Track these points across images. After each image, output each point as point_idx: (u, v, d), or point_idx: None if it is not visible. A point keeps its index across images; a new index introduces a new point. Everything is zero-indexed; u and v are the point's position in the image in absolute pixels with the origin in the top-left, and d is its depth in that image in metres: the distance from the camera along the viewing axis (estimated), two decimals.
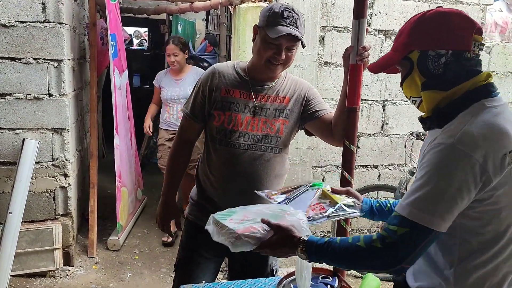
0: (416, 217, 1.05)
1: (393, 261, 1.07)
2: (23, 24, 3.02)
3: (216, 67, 1.85)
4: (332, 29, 3.46)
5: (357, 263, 1.17)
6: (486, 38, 3.76)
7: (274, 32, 1.65)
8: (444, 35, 1.16)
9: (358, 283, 3.00)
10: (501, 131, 1.07)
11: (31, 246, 3.16)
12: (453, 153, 1.05)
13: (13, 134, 3.13)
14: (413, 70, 1.21)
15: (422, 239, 1.05)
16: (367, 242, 1.10)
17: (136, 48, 9.66)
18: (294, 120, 1.84)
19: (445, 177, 1.05)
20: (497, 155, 1.05)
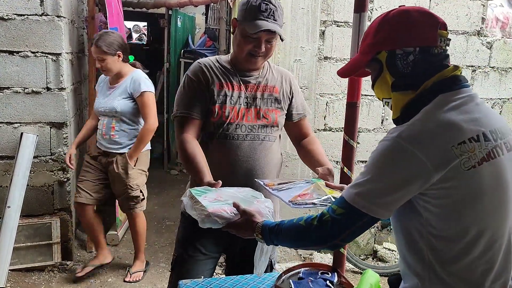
0: (353, 201, 1.11)
1: (327, 237, 1.15)
2: (21, 17, 3.00)
3: (202, 62, 1.84)
4: (333, 24, 3.44)
5: (299, 240, 1.24)
6: (487, 33, 3.74)
7: (253, 27, 1.66)
8: (410, 32, 1.16)
9: (357, 278, 3.01)
10: (449, 124, 1.07)
11: (29, 240, 3.15)
12: (393, 147, 1.08)
13: (11, 128, 3.12)
14: (383, 71, 1.21)
15: (356, 221, 1.11)
16: (307, 221, 1.19)
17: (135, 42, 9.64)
18: (285, 110, 1.88)
19: (383, 169, 1.09)
20: (441, 149, 1.05)
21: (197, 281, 1.70)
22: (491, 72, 3.82)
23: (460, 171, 1.05)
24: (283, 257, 3.44)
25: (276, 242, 1.28)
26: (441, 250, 1.10)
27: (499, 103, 3.90)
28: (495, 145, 1.10)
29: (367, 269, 1.74)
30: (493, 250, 1.11)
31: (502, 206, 1.11)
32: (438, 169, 1.05)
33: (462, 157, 1.05)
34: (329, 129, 3.58)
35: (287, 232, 1.24)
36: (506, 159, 1.12)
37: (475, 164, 1.06)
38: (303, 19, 3.28)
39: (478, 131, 1.08)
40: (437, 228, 1.10)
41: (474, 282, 1.11)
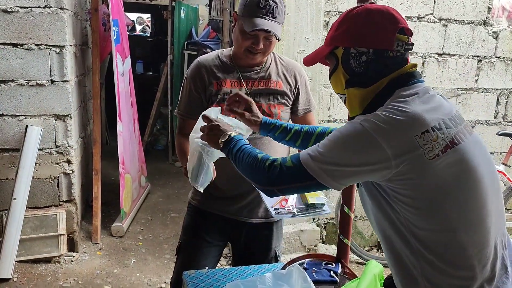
0: (306, 162, 1.14)
1: (268, 180, 1.19)
2: (24, 9, 3.00)
3: (201, 61, 1.82)
4: (337, 14, 3.41)
5: (247, 169, 1.27)
6: (493, 23, 3.70)
7: (250, 25, 1.63)
8: (366, 33, 1.17)
9: (361, 269, 3.01)
10: (412, 115, 1.08)
11: (35, 232, 3.17)
12: (358, 129, 1.09)
13: (16, 120, 3.13)
14: (338, 67, 1.23)
15: (302, 179, 1.15)
16: (263, 159, 1.23)
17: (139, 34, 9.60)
18: (289, 105, 1.85)
19: (343, 146, 1.11)
20: (403, 138, 1.06)
21: (201, 271, 1.71)
22: (497, 62, 3.78)
23: (425, 161, 1.05)
24: (287, 249, 3.45)
25: (230, 156, 1.35)
26: (427, 239, 1.10)
27: (505, 93, 3.87)
28: (457, 131, 1.11)
29: (371, 260, 1.74)
30: (480, 232, 1.10)
31: (478, 187, 1.10)
32: (398, 157, 1.05)
33: (425, 147, 1.05)
34: (333, 120, 3.56)
35: (243, 155, 1.29)
36: (470, 142, 1.12)
37: (439, 153, 1.06)
38: (307, 9, 3.26)
39: (438, 119, 1.09)
40: (417, 224, 1.10)
41: (464, 264, 1.10)
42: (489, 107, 3.86)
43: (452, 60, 3.70)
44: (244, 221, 1.85)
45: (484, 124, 3.87)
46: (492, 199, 1.13)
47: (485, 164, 1.13)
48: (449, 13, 3.60)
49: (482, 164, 1.12)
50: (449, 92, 3.74)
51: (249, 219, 1.85)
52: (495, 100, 3.87)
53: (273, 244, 1.92)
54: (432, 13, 3.58)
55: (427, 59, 3.64)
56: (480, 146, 1.16)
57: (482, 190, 1.10)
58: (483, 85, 3.81)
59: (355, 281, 1.63)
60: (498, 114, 3.90)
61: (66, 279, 3.05)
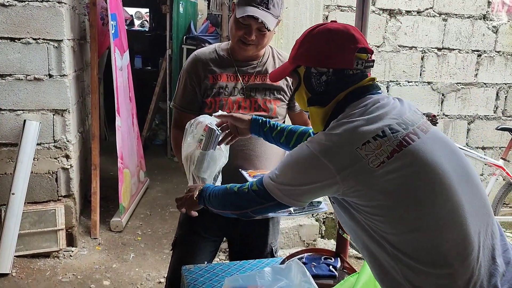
0: (267, 185, 1.22)
1: (240, 206, 1.30)
2: (22, 3, 2.98)
3: (197, 54, 1.82)
4: (336, 8, 3.40)
5: (221, 204, 1.36)
6: (492, 17, 3.69)
7: (241, 12, 1.62)
8: (326, 54, 1.20)
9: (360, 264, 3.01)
10: (350, 130, 1.11)
11: (34, 227, 3.17)
12: (305, 153, 1.15)
13: (14, 115, 3.12)
14: (300, 85, 1.26)
15: (266, 201, 1.23)
16: (231, 187, 1.32)
17: (137, 29, 9.57)
18: (286, 100, 1.83)
19: (294, 170, 1.19)
20: (345, 153, 1.10)
21: (200, 266, 1.71)
22: (496, 56, 3.77)
23: (370, 170, 1.07)
24: (286, 243, 3.45)
25: (208, 205, 1.41)
26: (399, 243, 1.10)
27: (505, 88, 3.86)
28: (406, 133, 1.11)
29: None
30: (452, 226, 1.08)
31: (439, 183, 1.08)
32: (342, 171, 1.09)
33: (368, 157, 1.07)
34: None
35: (214, 194, 1.37)
36: (425, 140, 1.12)
37: (384, 160, 1.07)
38: (306, 3, 3.24)
39: (382, 127, 1.10)
40: (385, 230, 1.10)
41: (441, 262, 1.08)
42: (488, 101, 3.86)
43: (452, 55, 3.69)
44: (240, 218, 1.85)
45: (484, 119, 3.87)
46: (463, 191, 1.10)
47: (447, 159, 1.12)
48: (449, 7, 3.59)
49: (443, 159, 1.11)
50: (448, 86, 3.73)
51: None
52: (495, 95, 3.86)
53: (269, 240, 1.92)
54: (432, 7, 3.56)
55: (427, 53, 3.63)
56: (441, 141, 1.15)
57: (444, 184, 1.08)
58: (482, 79, 3.80)
59: (354, 275, 1.62)
60: (498, 109, 3.90)
61: (65, 274, 3.05)
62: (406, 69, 3.61)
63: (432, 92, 3.71)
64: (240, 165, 1.74)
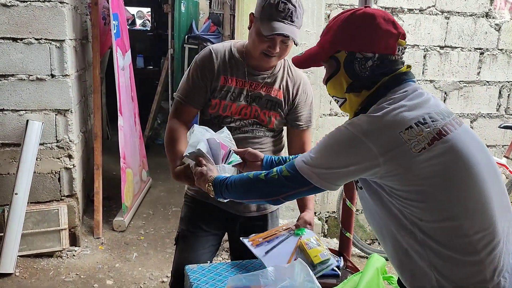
0: (301, 168, 1.20)
1: (271, 192, 1.28)
2: (24, 3, 2.98)
3: (213, 50, 1.78)
4: (338, 7, 3.39)
5: (246, 192, 1.34)
6: (495, 15, 3.68)
7: (268, 29, 1.59)
8: (373, 39, 1.19)
9: (363, 263, 3.01)
10: (394, 115, 1.12)
11: (37, 227, 3.18)
12: (344, 133, 1.15)
13: (17, 115, 3.12)
14: (339, 71, 1.24)
15: (299, 185, 1.22)
16: (256, 175, 1.31)
17: (139, 28, 9.57)
18: (285, 115, 1.83)
19: (332, 151, 1.18)
20: (388, 136, 1.10)
21: (203, 266, 1.71)
22: (499, 54, 3.76)
23: (412, 155, 1.09)
24: None
25: (225, 194, 1.38)
26: (430, 229, 1.12)
27: (508, 86, 3.85)
28: (445, 123, 1.14)
29: (373, 253, 1.74)
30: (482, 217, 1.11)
31: (472, 174, 1.12)
32: (385, 154, 1.10)
33: (411, 141, 1.09)
34: (334, 113, 3.56)
35: (235, 183, 1.35)
36: (460, 133, 1.15)
37: (425, 146, 1.09)
38: (308, 2, 3.23)
39: (423, 115, 1.13)
40: (418, 215, 1.12)
41: (470, 250, 1.11)
42: (491, 100, 3.85)
43: (454, 53, 3.68)
44: (238, 214, 1.87)
45: (486, 117, 3.86)
46: (492, 185, 1.14)
47: (478, 153, 1.15)
48: (451, 5, 3.58)
49: (475, 152, 1.14)
50: (451, 85, 3.72)
51: (243, 213, 1.86)
52: (497, 93, 3.85)
53: None
54: (434, 5, 3.55)
55: (429, 51, 3.62)
56: (471, 136, 1.19)
57: (477, 176, 1.12)
58: (485, 77, 3.79)
59: (358, 274, 1.62)
60: (500, 107, 3.89)
61: (68, 274, 3.05)
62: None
63: (434, 90, 3.71)
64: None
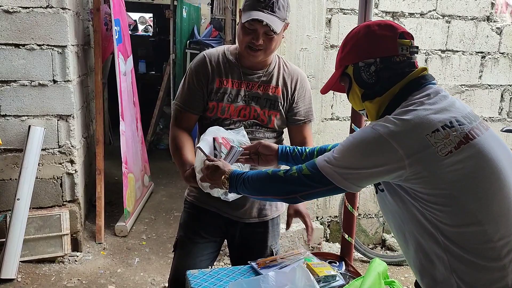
0: (322, 167, 1.20)
1: (289, 190, 1.26)
2: (26, 9, 3.00)
3: (207, 55, 1.80)
4: (339, 11, 3.40)
5: (263, 188, 1.33)
6: (496, 19, 3.68)
7: (246, 16, 1.62)
8: (369, 45, 1.24)
9: (365, 268, 3.00)
10: (420, 118, 1.12)
11: (39, 232, 3.18)
12: (370, 134, 1.14)
13: (19, 121, 3.13)
14: (352, 84, 1.28)
15: (320, 185, 1.21)
16: (274, 172, 1.30)
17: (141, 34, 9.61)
18: (285, 112, 1.83)
19: (357, 151, 1.17)
20: (414, 138, 1.10)
21: (204, 271, 1.70)
22: (501, 58, 3.76)
23: (438, 158, 1.09)
24: (291, 247, 3.44)
25: (240, 189, 1.38)
26: (453, 234, 1.11)
27: (509, 89, 3.85)
28: (472, 127, 1.13)
29: (375, 258, 1.73)
30: (506, 222, 1.11)
31: (498, 179, 1.12)
32: (411, 156, 1.09)
33: (437, 144, 1.09)
34: (336, 118, 3.55)
35: (253, 178, 1.34)
36: (487, 137, 1.15)
37: (452, 149, 1.09)
38: (309, 7, 3.24)
39: (450, 118, 1.13)
40: (441, 219, 1.11)
41: (492, 255, 1.11)
42: (493, 103, 3.84)
43: (456, 57, 3.68)
44: (237, 220, 1.85)
45: (488, 120, 3.85)
46: None
47: (505, 158, 1.15)
48: (452, 9, 3.58)
49: (502, 157, 1.14)
50: (452, 88, 3.72)
51: (241, 219, 1.85)
52: (499, 97, 3.85)
53: (269, 241, 1.91)
54: (435, 9, 3.56)
55: (430, 55, 3.62)
56: (498, 140, 1.19)
57: (503, 181, 1.12)
58: (487, 81, 3.78)
59: (359, 279, 1.62)
60: (502, 111, 3.88)
61: (70, 279, 3.05)
62: None
63: None
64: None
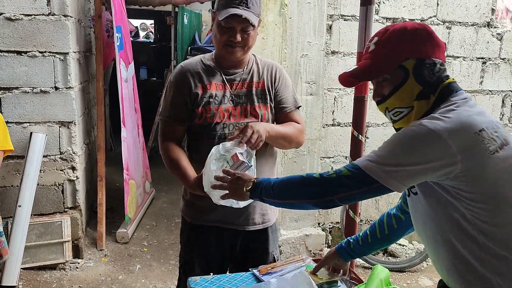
0: (366, 166, 1.16)
1: (327, 191, 1.22)
2: (28, 17, 3.01)
3: (184, 66, 1.81)
4: (340, 18, 3.41)
5: (295, 192, 1.28)
6: (497, 25, 3.68)
7: (223, 14, 1.64)
8: (435, 46, 1.25)
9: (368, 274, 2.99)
10: (467, 116, 1.14)
11: (40, 239, 3.17)
12: (420, 130, 1.13)
13: (21, 127, 3.14)
14: (409, 79, 1.24)
15: (363, 185, 1.17)
16: (309, 175, 1.25)
17: (142, 40, 9.65)
18: (273, 103, 1.82)
19: (406, 147, 1.15)
20: (465, 135, 1.11)
21: (206, 277, 1.70)
22: (501, 64, 3.76)
23: (487, 155, 1.11)
24: (292, 253, 3.43)
25: (265, 195, 1.33)
26: (495, 233, 1.13)
27: (510, 95, 3.85)
28: (505, 132, 1.18)
29: (377, 264, 1.72)
30: None
31: None
32: (463, 152, 1.10)
33: (485, 142, 1.11)
34: (337, 124, 3.55)
35: (283, 182, 1.30)
36: None
37: (497, 149, 1.12)
38: (310, 13, 3.25)
39: (489, 122, 1.16)
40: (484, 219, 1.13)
41: None
42: (494, 109, 3.84)
43: (456, 63, 3.68)
44: (241, 229, 1.83)
45: None
46: None
47: None
48: (452, 15, 3.59)
49: None
50: None
51: (246, 227, 1.83)
52: (501, 102, 3.85)
53: (270, 248, 1.90)
54: (435, 16, 3.57)
55: None
56: None
57: None
58: (488, 87, 3.79)
59: (361, 286, 1.61)
60: (504, 116, 3.88)
61: (71, 286, 3.04)
62: None
63: None
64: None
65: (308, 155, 3.46)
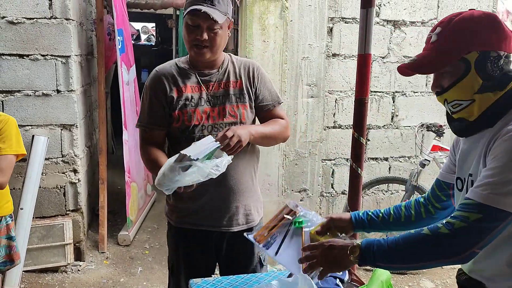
0: (492, 201, 1.05)
1: (462, 246, 1.07)
2: (30, 20, 3.03)
3: (159, 70, 1.80)
4: (340, 20, 3.42)
5: (422, 254, 1.12)
6: None
7: (187, 10, 1.65)
8: (501, 37, 1.17)
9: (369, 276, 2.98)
10: None
11: (42, 241, 3.18)
12: None
13: (23, 130, 3.14)
14: (470, 72, 1.18)
15: (498, 222, 1.05)
16: (433, 230, 1.10)
17: (144, 43, 9.68)
18: (252, 102, 1.81)
19: None
20: None
21: (207, 280, 1.70)
22: None
23: None
24: None
25: (382, 260, 1.16)
26: None
27: None
28: None
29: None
30: None
31: None
32: None
33: None
34: (338, 126, 3.56)
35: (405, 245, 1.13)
36: None
37: None
38: (311, 16, 3.27)
39: None
40: None
41: None
42: None
43: None
44: (225, 231, 1.82)
45: None
46: None
47: None
48: None
49: None
50: None
51: (230, 228, 1.82)
52: None
53: (256, 249, 1.88)
54: (436, 18, 3.57)
55: None
56: None
57: None
58: None
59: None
60: None
61: None
62: (412, 79, 3.61)
63: (438, 102, 3.70)
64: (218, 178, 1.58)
65: (309, 158, 3.46)
